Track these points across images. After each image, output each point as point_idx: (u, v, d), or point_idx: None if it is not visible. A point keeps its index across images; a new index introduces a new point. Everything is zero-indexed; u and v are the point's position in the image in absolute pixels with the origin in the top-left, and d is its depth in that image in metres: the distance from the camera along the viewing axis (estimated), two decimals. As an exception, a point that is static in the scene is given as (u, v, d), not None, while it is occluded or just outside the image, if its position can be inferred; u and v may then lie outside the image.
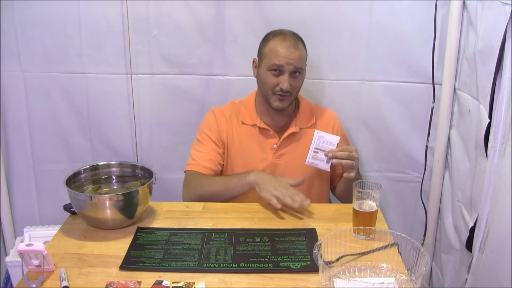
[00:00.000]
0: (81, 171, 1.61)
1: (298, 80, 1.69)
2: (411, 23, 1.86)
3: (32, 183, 2.16)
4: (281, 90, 1.65)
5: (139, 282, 1.23)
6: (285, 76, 1.64)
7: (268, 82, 1.67)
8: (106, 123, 2.07)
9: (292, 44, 1.66)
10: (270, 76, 1.66)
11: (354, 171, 1.59)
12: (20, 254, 1.25)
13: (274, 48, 1.66)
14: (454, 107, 1.87)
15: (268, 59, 1.67)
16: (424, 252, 1.20)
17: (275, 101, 1.68)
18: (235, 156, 1.76)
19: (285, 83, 1.64)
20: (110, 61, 1.99)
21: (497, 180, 1.36)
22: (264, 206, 1.65)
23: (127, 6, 1.90)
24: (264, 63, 1.68)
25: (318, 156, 1.57)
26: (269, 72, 1.66)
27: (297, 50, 1.66)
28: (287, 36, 1.68)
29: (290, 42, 1.66)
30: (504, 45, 1.37)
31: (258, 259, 1.34)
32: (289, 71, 1.64)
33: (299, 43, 1.69)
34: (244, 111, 1.78)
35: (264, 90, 1.70)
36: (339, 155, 1.56)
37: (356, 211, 1.44)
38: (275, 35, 1.69)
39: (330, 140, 1.57)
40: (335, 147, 1.58)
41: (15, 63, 1.99)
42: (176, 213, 1.61)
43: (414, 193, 2.07)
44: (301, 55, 1.67)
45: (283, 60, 1.64)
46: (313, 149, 1.57)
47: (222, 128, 1.77)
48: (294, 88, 1.68)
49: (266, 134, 1.75)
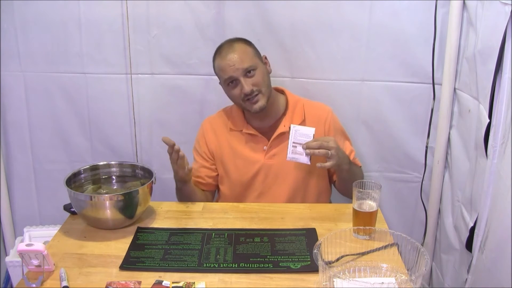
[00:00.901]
0: (81, 171, 1.62)
1: (256, 76, 1.66)
2: (411, 23, 1.86)
3: (32, 183, 2.16)
4: (246, 95, 1.65)
5: (139, 282, 1.24)
6: (241, 81, 1.64)
7: (233, 95, 1.69)
8: (106, 123, 2.07)
9: (228, 52, 1.66)
10: (231, 89, 1.68)
11: (330, 160, 1.55)
12: (20, 254, 1.25)
13: (218, 66, 1.69)
14: (454, 107, 1.87)
15: (221, 77, 1.70)
16: (424, 252, 1.20)
17: (250, 106, 1.67)
18: (228, 162, 1.77)
19: (244, 87, 1.64)
20: (110, 61, 1.99)
21: (497, 180, 1.36)
22: (264, 206, 1.65)
23: (127, 6, 1.90)
24: (221, 82, 1.72)
25: (297, 150, 1.56)
26: (228, 87, 1.69)
27: (234, 53, 1.65)
28: (223, 47, 1.70)
29: (226, 51, 1.67)
30: (504, 45, 1.36)
31: (258, 259, 1.34)
32: (241, 76, 1.64)
33: (234, 46, 1.68)
34: (233, 117, 1.80)
35: (237, 103, 1.72)
36: (311, 145, 1.54)
37: (356, 211, 1.44)
38: (215, 53, 1.72)
39: (306, 133, 1.56)
40: (311, 139, 1.56)
41: (15, 63, 1.99)
42: (176, 213, 1.61)
43: (414, 193, 2.07)
44: (242, 55, 1.66)
45: (229, 71, 1.64)
46: (292, 143, 1.56)
47: (210, 140, 1.80)
48: (257, 85, 1.66)
49: (254, 138, 1.75)
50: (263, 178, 1.75)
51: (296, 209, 1.64)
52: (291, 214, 1.60)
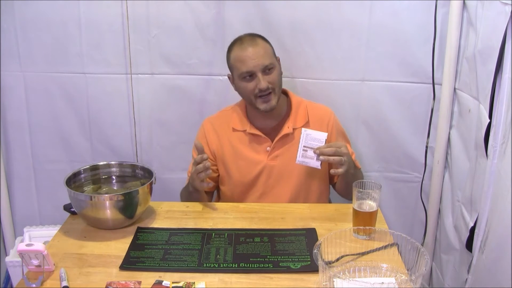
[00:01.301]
0: (81, 171, 1.62)
1: (274, 75, 1.67)
2: (411, 23, 1.86)
3: (32, 183, 2.16)
4: (261, 90, 1.64)
5: (139, 282, 1.24)
6: (258, 76, 1.64)
7: (246, 89, 1.67)
8: (106, 123, 2.07)
9: (250, 45, 1.66)
10: (245, 84, 1.66)
11: (343, 167, 1.55)
12: (20, 254, 1.25)
13: (236, 57, 1.67)
14: (454, 107, 1.87)
15: (237, 69, 1.67)
16: (424, 252, 1.20)
17: (261, 104, 1.67)
18: (230, 163, 1.77)
19: (261, 83, 1.63)
20: (110, 61, 1.99)
21: (497, 180, 1.36)
22: (264, 206, 1.65)
23: (127, 6, 1.90)
24: (235, 75, 1.69)
25: (308, 154, 1.56)
26: (242, 81, 1.67)
27: (257, 48, 1.65)
28: (244, 40, 1.69)
29: (248, 43, 1.66)
30: (504, 45, 1.36)
31: (258, 259, 1.34)
32: (259, 71, 1.64)
33: (256, 40, 1.68)
34: (235, 117, 1.78)
35: (247, 98, 1.70)
36: (326, 152, 1.54)
37: (356, 211, 1.44)
38: (234, 44, 1.70)
39: (318, 137, 1.55)
40: (323, 144, 1.56)
41: (15, 63, 1.99)
42: (176, 213, 1.61)
43: (414, 193, 2.07)
44: (263, 51, 1.66)
45: (249, 64, 1.63)
46: (302, 147, 1.56)
47: (211, 140, 1.78)
48: (272, 84, 1.66)
49: (257, 139, 1.75)
50: (265, 179, 1.74)
51: (296, 209, 1.64)
52: (291, 214, 1.60)
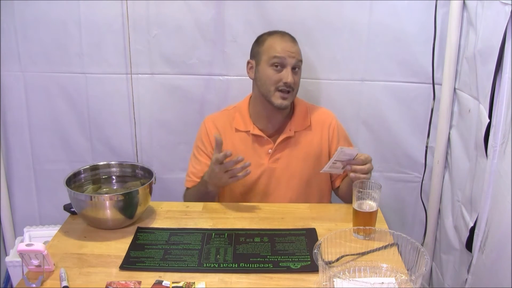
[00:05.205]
0: (81, 171, 1.61)
1: (298, 75, 1.68)
2: (411, 23, 1.86)
3: (32, 183, 2.16)
4: (285, 85, 1.62)
5: (139, 282, 1.24)
6: (288, 69, 1.63)
7: (270, 78, 1.63)
8: (106, 123, 2.07)
9: (290, 39, 1.68)
10: (272, 72, 1.63)
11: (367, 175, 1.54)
12: (20, 254, 1.25)
13: (273, 43, 1.66)
14: (454, 107, 1.87)
15: (267, 54, 1.65)
16: (424, 252, 1.20)
17: (278, 98, 1.64)
18: None
19: (289, 76, 1.61)
20: (110, 61, 1.99)
21: (497, 180, 1.36)
22: (264, 206, 1.65)
23: (127, 6, 1.90)
24: (263, 60, 1.66)
25: (336, 165, 1.56)
26: (270, 67, 1.64)
27: (296, 45, 1.68)
28: (284, 33, 1.71)
29: (289, 37, 1.69)
30: (504, 45, 1.36)
31: (258, 259, 1.34)
32: (291, 65, 1.63)
33: (293, 37, 1.71)
34: (238, 117, 1.76)
35: (266, 88, 1.66)
36: (360, 170, 1.51)
37: (356, 211, 1.44)
38: (271, 34, 1.70)
39: (350, 153, 1.53)
40: (353, 158, 1.54)
41: (15, 63, 1.99)
42: (176, 213, 1.61)
43: (414, 193, 2.07)
44: (299, 51, 1.69)
45: (284, 53, 1.63)
46: (333, 161, 1.56)
47: (213, 139, 1.75)
48: (296, 83, 1.66)
49: (260, 140, 1.74)
50: (266, 181, 1.74)
51: (296, 209, 1.64)
52: (291, 214, 1.60)
